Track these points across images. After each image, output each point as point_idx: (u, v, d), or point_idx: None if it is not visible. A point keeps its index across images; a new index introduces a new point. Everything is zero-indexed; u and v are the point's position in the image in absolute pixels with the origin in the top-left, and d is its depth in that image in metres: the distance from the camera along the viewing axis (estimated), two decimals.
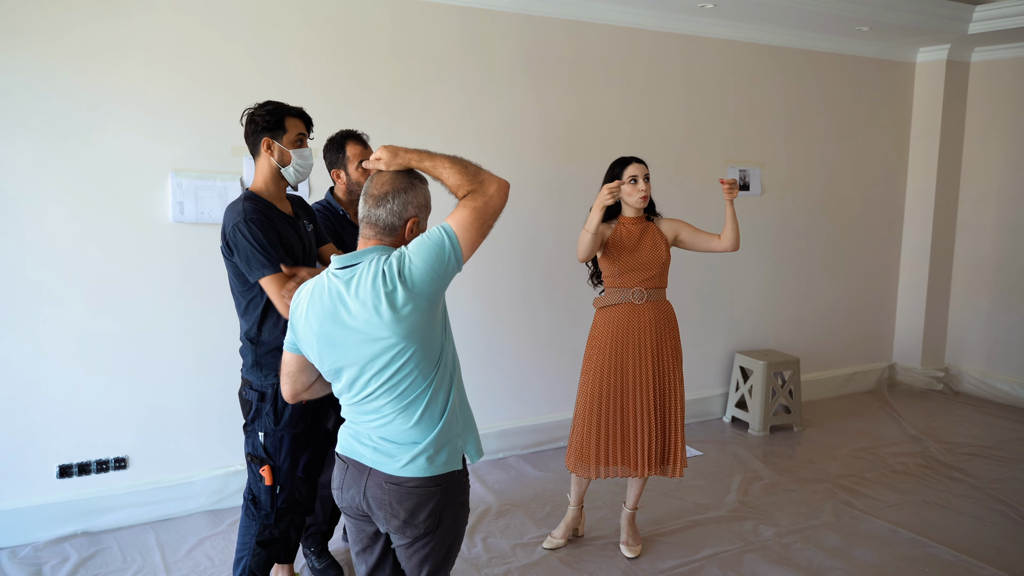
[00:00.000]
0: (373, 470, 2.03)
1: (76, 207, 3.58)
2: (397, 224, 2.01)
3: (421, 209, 2.05)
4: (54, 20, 3.44)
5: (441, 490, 2.02)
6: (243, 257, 2.59)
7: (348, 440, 2.10)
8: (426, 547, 2.06)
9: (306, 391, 2.19)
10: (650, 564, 3.53)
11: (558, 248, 4.80)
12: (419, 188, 2.05)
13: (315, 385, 2.19)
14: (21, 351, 3.54)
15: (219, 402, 3.90)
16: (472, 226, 1.95)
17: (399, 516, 2.01)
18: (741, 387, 5.49)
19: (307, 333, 2.01)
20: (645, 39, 4.99)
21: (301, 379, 2.15)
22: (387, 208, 2.00)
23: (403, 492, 2.00)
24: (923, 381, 6.39)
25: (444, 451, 2.01)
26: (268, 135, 2.68)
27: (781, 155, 5.70)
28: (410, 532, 2.03)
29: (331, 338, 1.96)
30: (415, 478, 1.99)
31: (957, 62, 6.11)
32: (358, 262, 1.97)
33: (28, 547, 3.55)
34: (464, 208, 1.96)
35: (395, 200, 2.00)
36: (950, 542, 3.74)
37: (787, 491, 4.33)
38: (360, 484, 2.05)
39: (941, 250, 6.33)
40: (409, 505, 2.00)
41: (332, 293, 1.97)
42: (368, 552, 2.18)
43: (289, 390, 2.18)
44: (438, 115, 4.37)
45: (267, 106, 2.71)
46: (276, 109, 2.70)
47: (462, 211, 1.96)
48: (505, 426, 4.74)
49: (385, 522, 2.05)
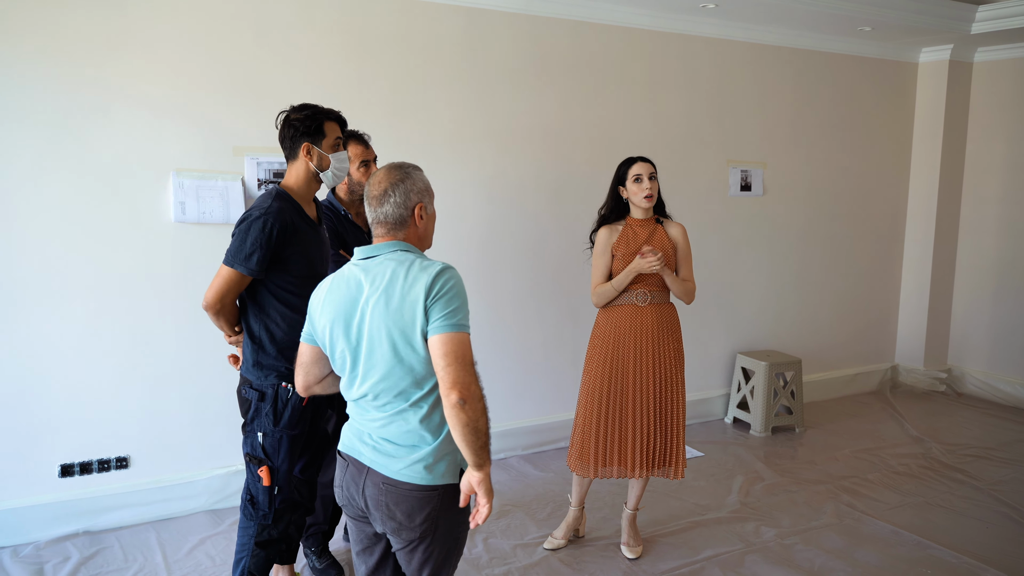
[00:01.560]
0: (371, 470, 2.04)
1: (78, 207, 3.58)
2: (405, 215, 2.06)
3: (423, 194, 2.09)
4: (55, 18, 3.44)
5: (438, 495, 2.02)
6: (234, 242, 2.61)
7: (350, 438, 2.11)
8: (425, 551, 2.06)
9: (318, 384, 2.21)
10: (651, 565, 3.52)
11: (560, 249, 4.80)
12: (414, 175, 2.09)
13: (327, 379, 2.20)
14: (23, 351, 3.54)
15: (220, 402, 3.90)
16: (449, 353, 1.93)
17: (395, 518, 2.02)
18: (743, 388, 5.48)
19: (323, 321, 2.06)
20: (646, 39, 4.99)
21: (314, 371, 2.18)
22: (391, 202, 2.05)
23: (400, 494, 2.00)
24: (926, 382, 6.37)
25: (443, 462, 2.02)
26: (307, 140, 2.68)
27: (783, 155, 5.69)
28: (406, 535, 2.04)
29: (345, 322, 2.01)
30: (412, 483, 2.00)
31: (960, 62, 6.10)
32: (378, 254, 2.05)
33: (30, 546, 3.55)
34: (455, 371, 1.92)
35: (396, 192, 2.05)
36: (953, 544, 3.73)
37: (789, 492, 4.32)
38: (359, 483, 2.06)
39: (944, 251, 6.31)
40: (406, 508, 2.00)
41: (351, 280, 2.04)
42: (368, 553, 2.19)
43: (302, 381, 2.20)
44: (440, 115, 4.37)
45: (304, 110, 2.70)
46: (314, 113, 2.69)
47: (455, 360, 1.93)
48: (506, 426, 4.73)
49: (382, 523, 2.06)
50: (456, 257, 4.30)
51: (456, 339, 1.93)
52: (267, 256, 2.61)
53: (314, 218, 2.81)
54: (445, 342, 1.92)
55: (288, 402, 2.71)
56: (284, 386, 2.71)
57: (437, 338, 1.93)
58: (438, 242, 3.40)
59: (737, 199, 5.51)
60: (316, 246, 2.76)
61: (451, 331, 1.93)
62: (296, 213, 2.69)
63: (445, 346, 1.92)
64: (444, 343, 1.92)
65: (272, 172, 3.91)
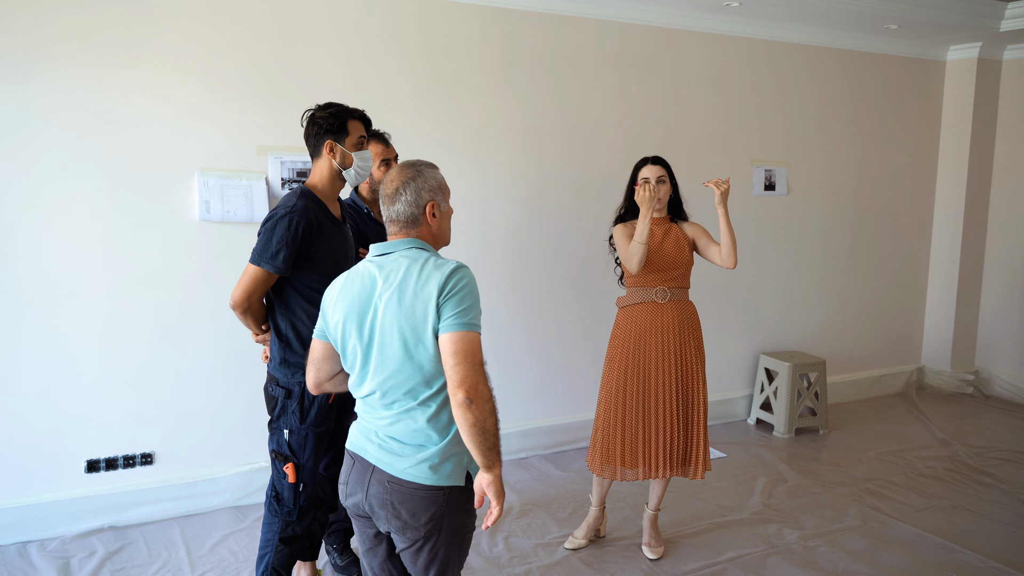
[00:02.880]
0: (377, 468, 2.04)
1: (104, 206, 3.62)
2: (417, 213, 2.07)
3: (435, 192, 2.09)
4: (86, 23, 3.49)
5: (444, 495, 2.01)
6: (260, 240, 2.64)
7: (357, 436, 2.12)
8: (431, 551, 2.05)
9: (329, 381, 2.21)
10: (672, 566, 3.50)
11: (582, 248, 4.78)
12: (426, 173, 2.09)
13: (339, 376, 2.20)
14: (50, 348, 3.59)
15: (244, 399, 3.94)
16: (459, 352, 1.92)
17: (400, 517, 2.01)
18: (766, 389, 5.44)
19: (335, 316, 2.06)
20: (670, 38, 4.96)
21: (325, 367, 2.17)
22: (403, 200, 2.06)
23: (405, 493, 2.00)
24: (952, 384, 6.29)
25: (449, 463, 2.01)
26: (331, 138, 2.71)
27: (808, 155, 5.64)
28: (411, 534, 2.03)
29: (359, 318, 2.01)
30: (417, 483, 1.99)
31: (988, 60, 6.01)
32: (393, 250, 2.05)
33: (56, 540, 3.60)
34: (463, 370, 1.90)
35: (407, 190, 2.06)
36: (979, 548, 3.68)
37: (812, 494, 4.28)
38: (364, 482, 2.06)
39: (972, 250, 6.22)
40: (410, 507, 2.00)
41: (365, 276, 2.04)
42: (372, 553, 2.19)
43: (312, 378, 2.20)
44: (462, 114, 4.38)
45: (329, 108, 2.73)
46: (339, 112, 2.72)
47: (464, 359, 1.92)
48: (527, 426, 4.73)
49: (387, 522, 2.05)
50: (477, 255, 4.31)
51: (466, 338, 1.92)
52: (293, 254, 2.63)
53: (338, 216, 2.83)
54: (455, 340, 1.91)
55: (314, 400, 2.73)
56: None
57: (447, 336, 1.92)
58: (459, 240, 3.41)
59: (761, 199, 5.47)
60: (341, 244, 2.78)
61: (462, 330, 1.92)
62: (321, 211, 2.71)
63: (455, 344, 1.91)
64: (454, 341, 1.91)
65: (295, 171, 3.94)
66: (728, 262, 3.38)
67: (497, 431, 1.94)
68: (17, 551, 3.51)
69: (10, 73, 3.40)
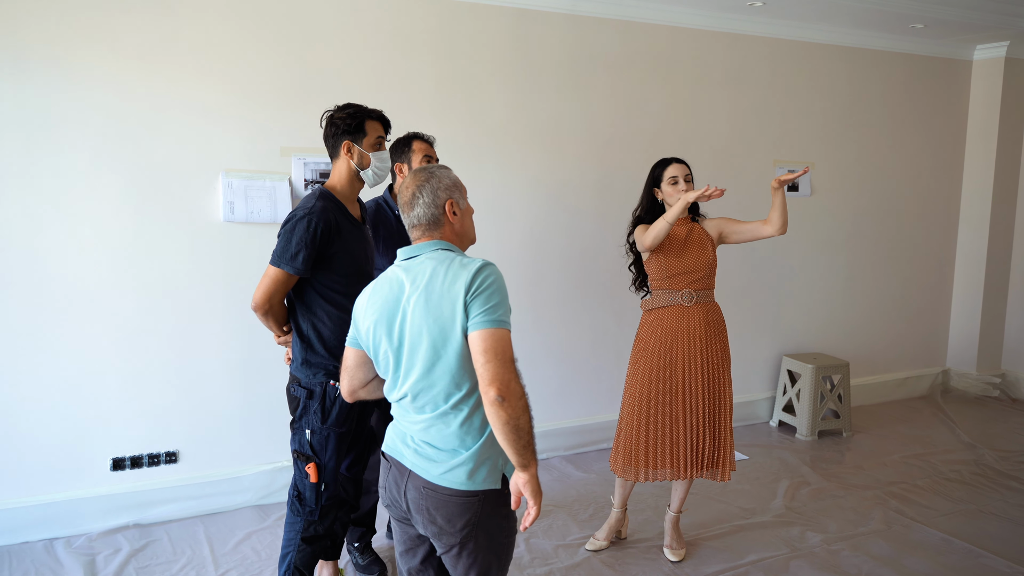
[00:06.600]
0: (412, 473, 2.03)
1: (130, 207, 3.66)
2: (437, 214, 2.07)
3: (451, 190, 2.09)
4: (112, 26, 3.53)
5: (479, 501, 2.00)
6: (280, 242, 2.66)
7: (393, 439, 2.12)
8: (469, 556, 2.04)
9: (363, 388, 2.21)
10: (694, 568, 3.49)
11: (604, 248, 4.77)
12: (439, 173, 2.10)
13: (372, 383, 2.20)
14: (76, 347, 3.63)
15: (267, 399, 3.97)
16: (488, 350, 1.90)
17: (436, 522, 2.01)
18: (789, 391, 5.40)
19: (366, 323, 2.06)
20: (692, 38, 4.94)
21: (358, 375, 2.18)
22: (421, 203, 2.06)
23: (440, 499, 1.99)
24: (978, 387, 6.22)
25: (484, 467, 2.00)
26: (348, 138, 2.72)
27: (831, 155, 5.60)
28: (447, 540, 2.02)
29: (388, 322, 2.01)
30: (452, 488, 1.98)
31: (1016, 59, 5.94)
32: (419, 253, 2.06)
33: (83, 537, 3.64)
34: (494, 367, 1.89)
35: (423, 193, 2.06)
36: (1006, 553, 3.63)
37: (835, 497, 4.25)
38: (401, 485, 2.06)
39: (998, 251, 6.15)
40: (445, 513, 1.99)
41: (393, 281, 2.04)
42: (411, 555, 2.18)
43: (347, 386, 2.21)
44: (484, 114, 4.38)
45: (347, 109, 2.75)
46: (356, 112, 2.74)
47: (495, 356, 1.90)
48: (549, 427, 4.73)
49: (423, 527, 2.05)
50: (501, 256, 4.31)
51: (496, 335, 1.90)
52: (312, 255, 2.64)
53: (358, 217, 2.84)
54: (485, 338, 1.90)
55: (336, 400, 2.74)
56: (332, 384, 2.74)
57: (477, 334, 1.91)
58: (483, 240, 3.41)
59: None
60: (360, 244, 2.79)
61: (491, 327, 1.91)
62: (340, 212, 2.72)
63: (485, 342, 1.89)
64: (484, 339, 1.90)
65: (318, 172, 3.96)
66: (782, 228, 3.32)
67: (531, 429, 1.93)
68: (44, 547, 3.55)
69: (35, 75, 3.44)
